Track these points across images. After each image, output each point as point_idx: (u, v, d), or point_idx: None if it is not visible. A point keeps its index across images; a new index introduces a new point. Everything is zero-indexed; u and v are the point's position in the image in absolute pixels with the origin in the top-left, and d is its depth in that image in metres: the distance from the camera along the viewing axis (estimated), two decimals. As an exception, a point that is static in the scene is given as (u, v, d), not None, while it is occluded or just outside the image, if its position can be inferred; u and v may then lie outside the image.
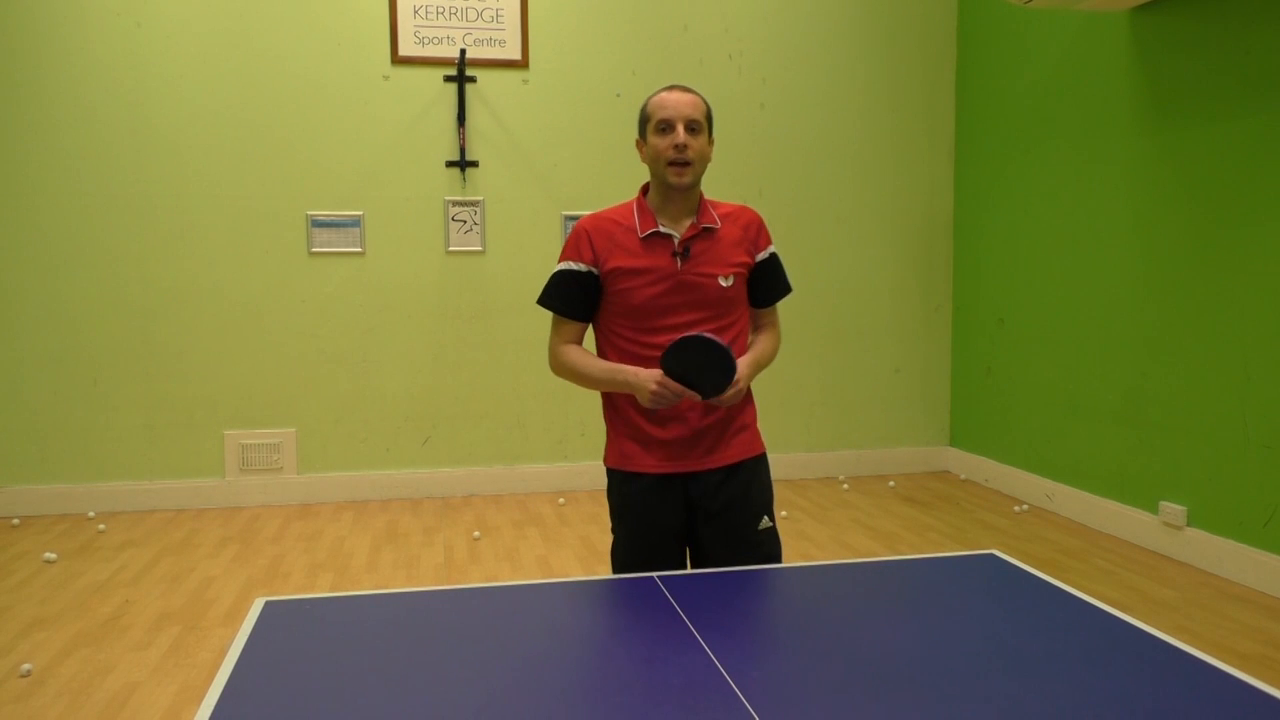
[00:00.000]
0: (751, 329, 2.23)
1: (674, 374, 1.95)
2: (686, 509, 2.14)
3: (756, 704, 1.36)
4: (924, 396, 5.92)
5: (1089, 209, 4.65)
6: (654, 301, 2.07)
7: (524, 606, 1.75)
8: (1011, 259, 5.28)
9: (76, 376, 5.00)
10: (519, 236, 5.37)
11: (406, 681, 1.44)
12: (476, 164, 5.27)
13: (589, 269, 2.10)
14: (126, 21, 4.91)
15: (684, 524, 2.15)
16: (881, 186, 5.76)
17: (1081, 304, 4.72)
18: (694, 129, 2.05)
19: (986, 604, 1.75)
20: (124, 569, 4.11)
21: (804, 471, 5.74)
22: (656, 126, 2.07)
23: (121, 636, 3.37)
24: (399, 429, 5.33)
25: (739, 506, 2.13)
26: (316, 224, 5.16)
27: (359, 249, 5.21)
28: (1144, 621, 2.31)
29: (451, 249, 5.30)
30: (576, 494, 5.42)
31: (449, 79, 5.22)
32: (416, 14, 5.17)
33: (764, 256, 2.18)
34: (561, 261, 2.13)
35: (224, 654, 2.72)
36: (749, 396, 2.21)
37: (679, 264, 2.07)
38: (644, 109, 2.11)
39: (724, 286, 2.09)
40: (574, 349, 2.16)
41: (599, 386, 2.13)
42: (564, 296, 2.13)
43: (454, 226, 5.30)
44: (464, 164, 5.23)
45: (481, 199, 5.31)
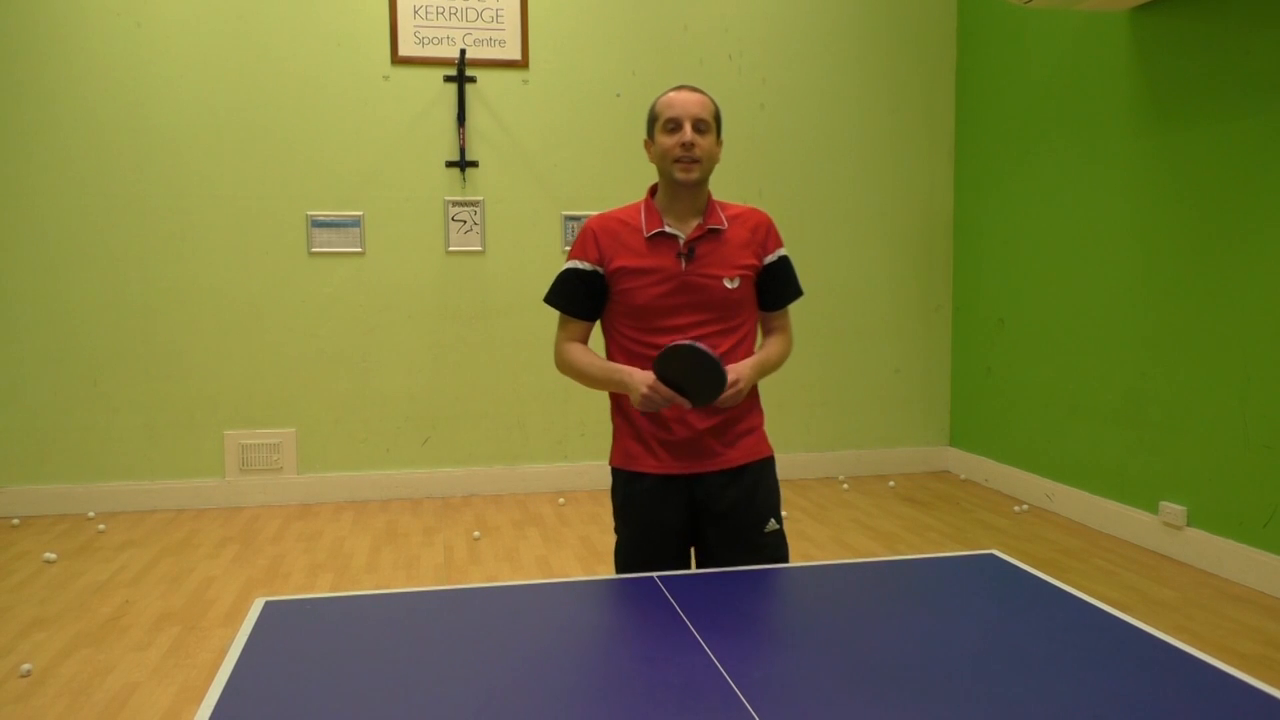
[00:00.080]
0: (762, 332, 2.22)
1: (665, 379, 1.95)
2: (691, 510, 2.13)
3: (756, 704, 1.36)
4: (924, 396, 5.92)
5: (1089, 209, 4.65)
6: (657, 302, 2.07)
7: (524, 606, 1.75)
8: (1011, 259, 5.28)
9: (76, 376, 5.00)
10: (519, 236, 5.37)
11: (406, 681, 1.44)
12: (476, 164, 5.27)
13: (594, 268, 2.11)
14: (126, 21, 4.92)
15: (688, 525, 2.14)
16: (881, 186, 5.76)
17: (1081, 304, 4.72)
18: (701, 128, 2.05)
19: (986, 604, 1.75)
20: (124, 569, 4.11)
21: (804, 471, 5.74)
22: (664, 125, 2.06)
23: (121, 636, 3.37)
24: (399, 429, 5.33)
25: (745, 509, 2.12)
26: (316, 224, 5.16)
27: (359, 249, 5.21)
28: (1144, 621, 2.32)
29: (451, 249, 5.31)
30: (576, 494, 5.42)
31: (449, 79, 5.22)
32: (416, 14, 5.17)
33: (773, 259, 2.15)
34: (569, 260, 2.15)
35: (224, 654, 2.72)
36: (756, 400, 2.19)
37: (683, 265, 2.07)
38: (652, 109, 2.11)
39: (729, 288, 2.08)
40: (577, 347, 2.17)
41: (597, 385, 2.13)
42: (569, 295, 2.14)
43: (454, 226, 5.30)
44: (464, 164, 5.23)
45: (481, 199, 5.31)
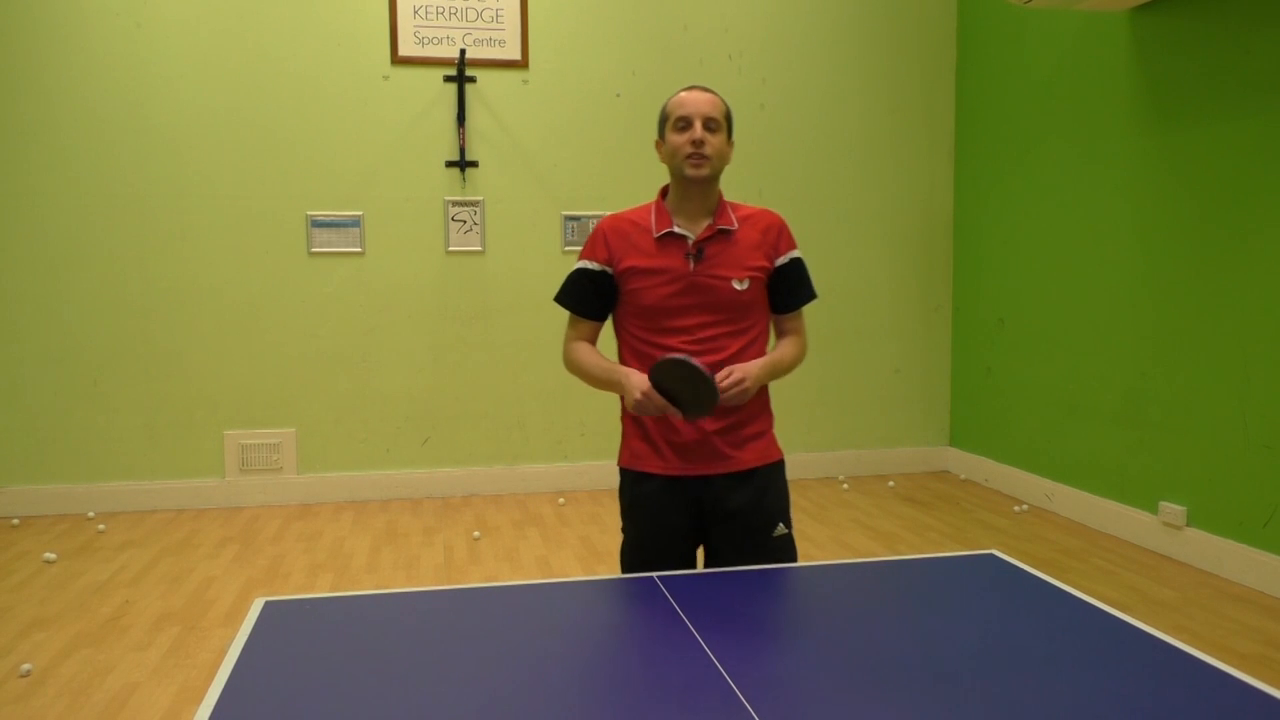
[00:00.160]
0: (775, 335, 2.20)
1: (660, 388, 1.94)
2: (698, 512, 2.12)
3: (756, 704, 1.36)
4: (924, 396, 5.92)
5: (1089, 209, 4.65)
6: (665, 302, 2.06)
7: (524, 606, 1.75)
8: (1011, 259, 5.28)
9: (76, 376, 5.00)
10: (519, 236, 5.37)
11: (406, 681, 1.44)
12: (476, 164, 5.27)
13: (603, 268, 2.12)
14: (126, 21, 4.92)
15: (694, 527, 2.13)
16: (881, 186, 5.76)
17: (1081, 304, 4.72)
18: (712, 127, 2.05)
19: (986, 604, 1.75)
20: (124, 569, 4.11)
21: (804, 471, 5.74)
22: (675, 124, 2.07)
23: (121, 637, 3.37)
24: (399, 429, 5.33)
25: (752, 513, 2.10)
26: (316, 224, 5.16)
27: (359, 249, 5.21)
28: (1144, 621, 2.32)
29: (451, 249, 5.30)
30: (576, 494, 5.42)
31: (449, 79, 5.22)
32: (416, 14, 5.17)
33: (784, 261, 2.14)
34: (579, 260, 2.16)
35: (224, 654, 2.72)
36: (766, 403, 2.18)
37: (691, 265, 2.06)
38: (663, 108, 2.12)
39: (738, 290, 2.07)
40: (583, 346, 2.17)
41: (598, 385, 2.13)
42: (578, 295, 2.16)
43: (454, 226, 5.30)
44: (464, 164, 5.23)
45: (481, 199, 5.31)
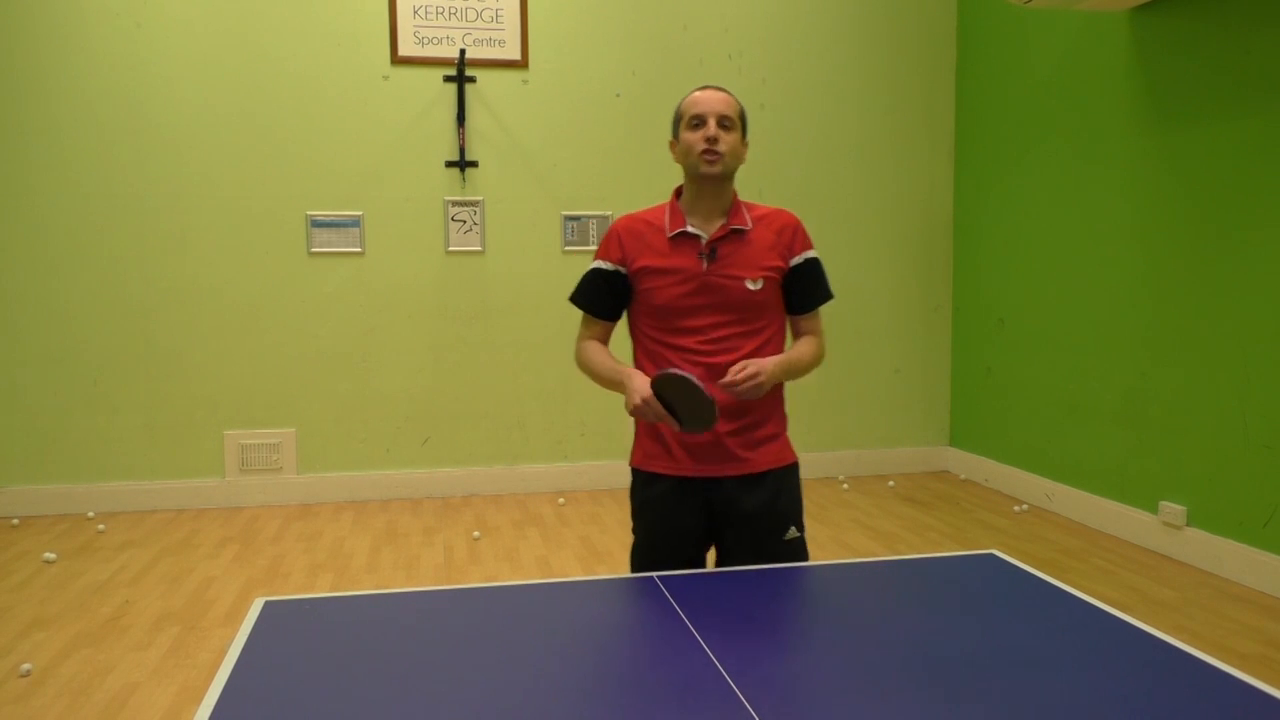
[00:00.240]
0: (792, 336, 2.19)
1: (661, 398, 1.93)
2: (709, 514, 2.12)
3: (756, 704, 1.36)
4: (924, 396, 5.92)
5: (1089, 209, 4.65)
6: (678, 301, 2.06)
7: (524, 606, 1.75)
8: (1011, 259, 5.28)
9: (76, 376, 5.00)
10: (519, 236, 5.36)
11: (406, 681, 1.44)
12: (476, 164, 5.27)
13: (616, 268, 2.12)
14: (126, 21, 4.91)
15: (705, 528, 2.13)
16: (881, 187, 5.76)
17: (1081, 304, 4.72)
18: (726, 125, 2.05)
19: (986, 604, 1.75)
20: (124, 569, 4.11)
21: (804, 471, 5.67)
22: (689, 122, 2.07)
23: (121, 636, 3.37)
24: (399, 429, 5.33)
25: (764, 516, 2.10)
26: (316, 224, 5.16)
27: (359, 249, 5.21)
28: (1144, 621, 2.31)
29: (451, 249, 5.30)
30: (576, 494, 5.42)
31: (449, 79, 5.22)
32: (416, 14, 5.17)
33: (799, 261, 2.12)
34: (594, 260, 2.17)
35: (224, 654, 2.72)
36: (779, 405, 2.17)
37: (704, 265, 2.06)
38: (677, 108, 2.12)
39: (751, 289, 2.06)
40: (592, 345, 2.17)
41: (603, 383, 2.13)
42: (591, 295, 2.17)
43: (454, 226, 5.30)
44: (464, 164, 5.23)
45: (481, 199, 5.31)
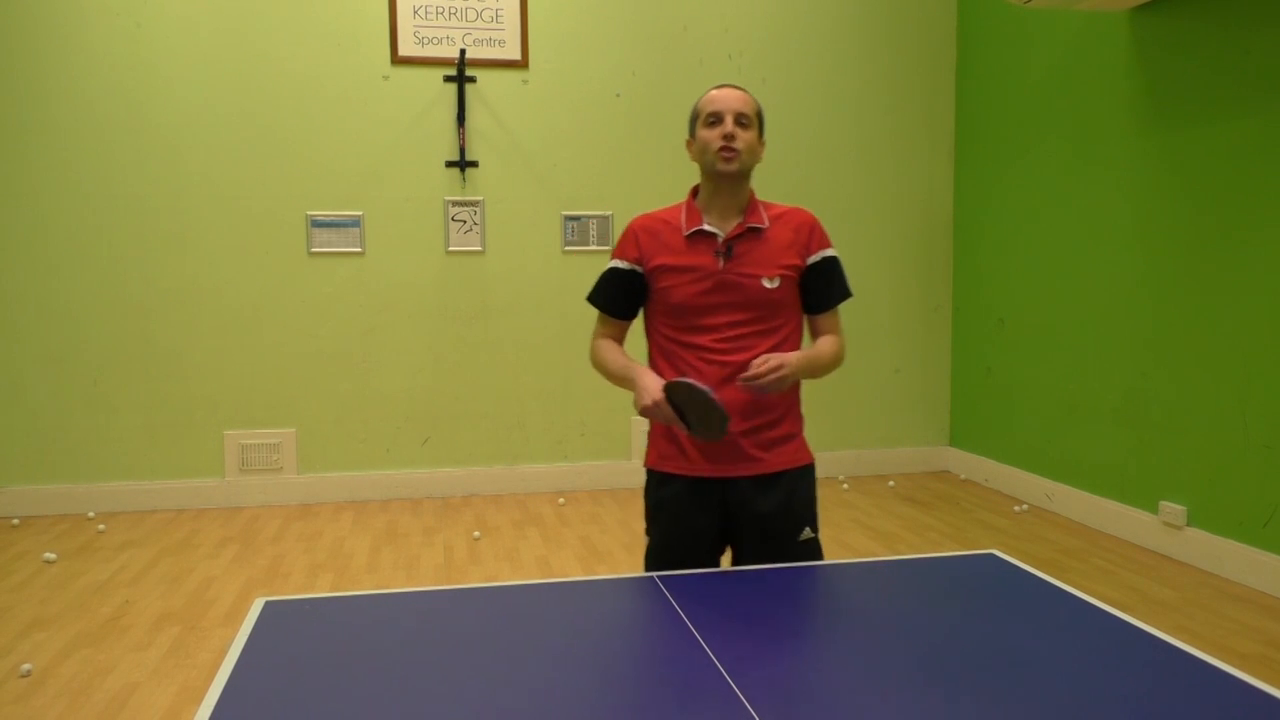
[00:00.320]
0: (811, 336, 2.17)
1: (673, 403, 1.92)
2: (723, 514, 2.11)
3: (756, 704, 1.36)
4: (924, 396, 5.92)
5: (1089, 209, 4.65)
6: (694, 300, 2.06)
7: (524, 606, 1.75)
8: (1011, 259, 5.28)
9: (76, 376, 5.00)
10: (519, 236, 5.36)
11: (406, 681, 1.44)
12: (476, 164, 5.27)
13: (633, 267, 2.12)
14: (126, 21, 4.91)
15: (719, 529, 2.12)
16: (881, 186, 5.76)
17: (1081, 304, 4.72)
18: (743, 122, 2.05)
19: (986, 604, 1.75)
20: (124, 569, 4.11)
21: (804, 471, 5.73)
22: (706, 119, 2.07)
23: (121, 636, 3.37)
24: (399, 429, 5.33)
25: (778, 517, 2.09)
26: (316, 224, 5.16)
27: (359, 249, 5.21)
28: (1144, 621, 2.31)
29: (451, 249, 5.30)
30: (576, 494, 5.42)
31: (449, 79, 5.22)
32: (416, 14, 5.17)
33: (817, 259, 2.11)
34: (612, 259, 2.17)
35: (224, 654, 2.72)
36: (796, 405, 2.15)
37: (721, 263, 2.05)
38: (694, 107, 2.12)
39: (768, 288, 2.05)
40: (605, 343, 2.17)
41: (614, 381, 2.12)
42: (608, 294, 2.17)
43: (454, 226, 5.30)
44: (464, 164, 5.23)
45: (481, 199, 5.31)
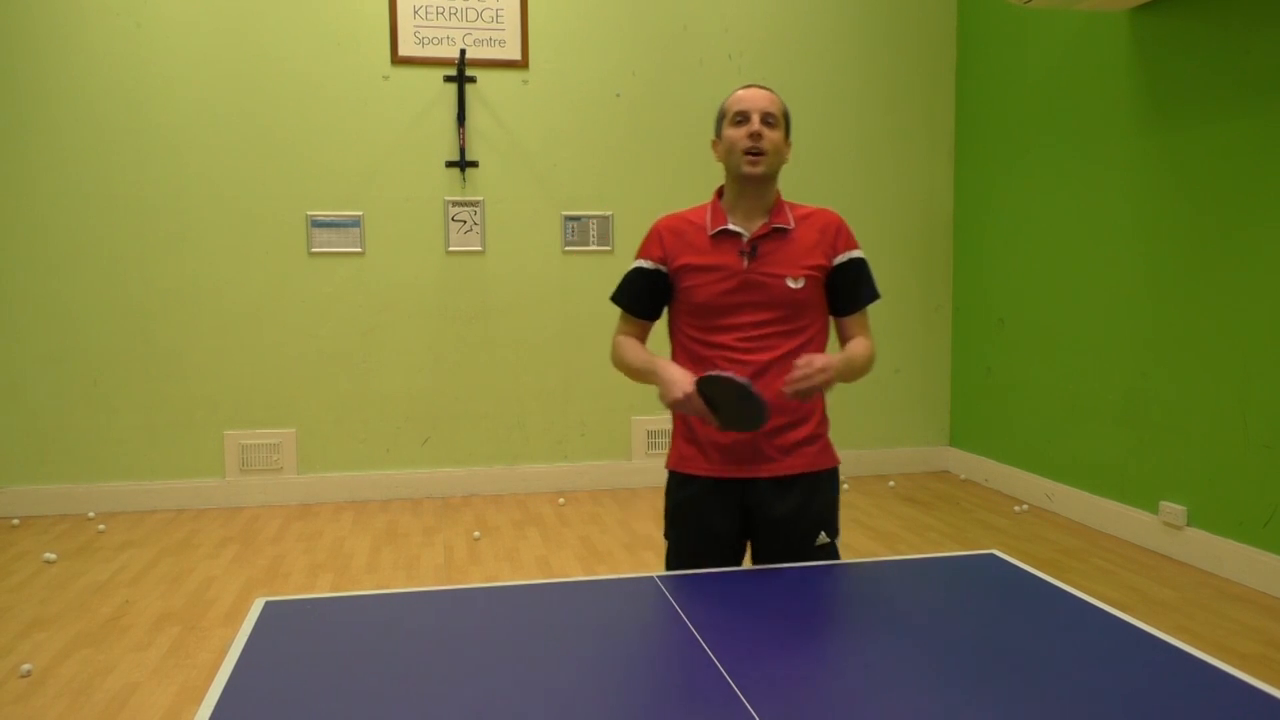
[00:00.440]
0: (840, 339, 2.15)
1: (705, 396, 1.89)
2: (743, 515, 2.10)
3: (756, 704, 1.36)
4: (924, 396, 5.92)
5: (1089, 209, 4.65)
6: (719, 299, 2.05)
7: (524, 606, 1.75)
8: (1011, 259, 5.28)
9: (76, 376, 5.00)
10: (519, 237, 5.36)
11: (406, 681, 1.44)
12: (476, 164, 5.27)
13: (657, 267, 2.11)
14: (126, 21, 4.91)
15: (740, 532, 2.11)
16: (881, 186, 5.76)
17: (1081, 304, 4.72)
18: (770, 122, 2.05)
19: (986, 604, 1.75)
20: (124, 569, 4.11)
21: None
22: (733, 119, 2.06)
23: (121, 637, 3.37)
24: (399, 429, 5.33)
25: (793, 520, 2.08)
26: (316, 224, 5.16)
27: (359, 249, 5.21)
28: (1144, 621, 2.31)
29: (451, 249, 5.30)
30: (576, 494, 5.42)
31: (449, 79, 5.22)
32: (416, 14, 5.17)
33: (843, 260, 2.09)
34: (636, 259, 2.16)
35: (224, 654, 2.72)
36: (820, 408, 2.13)
37: (745, 263, 2.04)
38: (721, 106, 2.12)
39: (793, 288, 2.04)
40: (627, 341, 2.17)
41: (636, 377, 2.11)
42: (632, 294, 2.16)
43: (454, 226, 5.30)
44: (464, 164, 5.23)
45: (481, 199, 5.31)
